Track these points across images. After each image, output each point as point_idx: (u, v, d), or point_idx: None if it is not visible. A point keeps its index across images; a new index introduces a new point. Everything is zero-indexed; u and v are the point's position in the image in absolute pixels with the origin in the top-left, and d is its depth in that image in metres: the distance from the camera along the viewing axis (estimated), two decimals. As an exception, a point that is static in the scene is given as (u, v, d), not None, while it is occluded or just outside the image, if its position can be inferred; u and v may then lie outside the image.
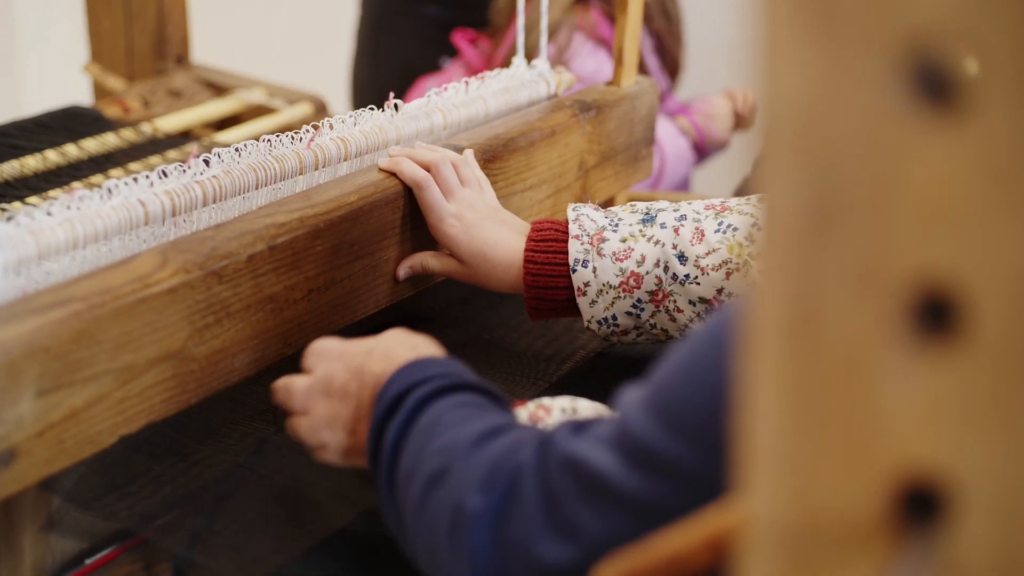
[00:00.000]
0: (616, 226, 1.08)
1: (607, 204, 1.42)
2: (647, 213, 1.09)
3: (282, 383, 0.90)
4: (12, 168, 1.38)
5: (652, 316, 1.08)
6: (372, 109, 1.17)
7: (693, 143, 1.91)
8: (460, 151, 1.15)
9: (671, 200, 1.13)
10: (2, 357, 0.78)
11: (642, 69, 1.54)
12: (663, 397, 0.65)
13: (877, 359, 0.36)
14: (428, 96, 1.23)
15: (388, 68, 2.23)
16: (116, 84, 1.79)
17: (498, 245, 1.09)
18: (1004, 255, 0.34)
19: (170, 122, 1.64)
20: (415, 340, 0.88)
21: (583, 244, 1.07)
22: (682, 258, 1.05)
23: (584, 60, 1.81)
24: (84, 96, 1.94)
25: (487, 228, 1.10)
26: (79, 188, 0.93)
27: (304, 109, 1.77)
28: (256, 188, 1.04)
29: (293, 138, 1.09)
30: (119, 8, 1.81)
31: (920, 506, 0.37)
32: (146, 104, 1.74)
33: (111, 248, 0.93)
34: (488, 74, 1.31)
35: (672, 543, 0.52)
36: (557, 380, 1.15)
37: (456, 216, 1.10)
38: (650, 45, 1.88)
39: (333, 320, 1.06)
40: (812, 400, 0.37)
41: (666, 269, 1.06)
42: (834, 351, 0.37)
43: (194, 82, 1.82)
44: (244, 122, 1.74)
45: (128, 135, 1.53)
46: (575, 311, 1.10)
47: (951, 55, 0.33)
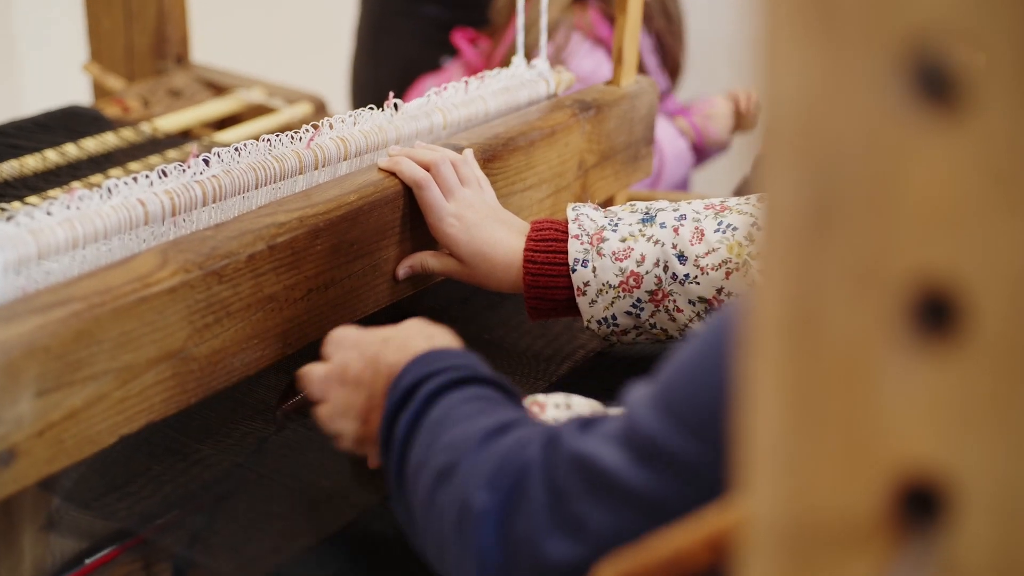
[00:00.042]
0: (616, 226, 1.08)
1: (607, 204, 1.42)
2: (647, 213, 1.09)
3: (303, 371, 0.92)
4: (12, 168, 1.39)
5: (652, 316, 1.08)
6: (372, 109, 1.17)
7: (692, 144, 1.91)
8: (460, 151, 1.15)
9: (671, 200, 1.13)
10: (2, 357, 0.78)
11: (641, 68, 1.54)
12: (671, 393, 0.65)
13: (877, 359, 0.36)
14: (428, 96, 1.23)
15: (388, 68, 2.23)
16: (116, 84, 1.79)
17: (498, 245, 1.09)
18: (1004, 255, 0.34)
19: (170, 122, 1.64)
20: (431, 331, 0.88)
21: (583, 244, 1.07)
22: (682, 258, 1.05)
23: (582, 59, 1.81)
24: (84, 96, 1.94)
25: (487, 228, 1.10)
26: (79, 188, 0.93)
27: (304, 109, 1.77)
28: (256, 188, 1.04)
29: (293, 138, 1.09)
30: (119, 8, 1.81)
31: (920, 505, 0.37)
32: (146, 104, 1.74)
33: (111, 248, 0.93)
34: (488, 74, 1.31)
35: (672, 542, 0.52)
36: (557, 380, 1.15)
37: (456, 216, 1.10)
38: (649, 44, 1.88)
39: (333, 320, 1.06)
40: (812, 400, 0.37)
41: (666, 269, 1.06)
42: (834, 351, 0.37)
43: (194, 82, 1.82)
44: (244, 122, 1.74)
45: (128, 135, 1.53)
46: (575, 311, 1.10)
47: (951, 55, 0.33)
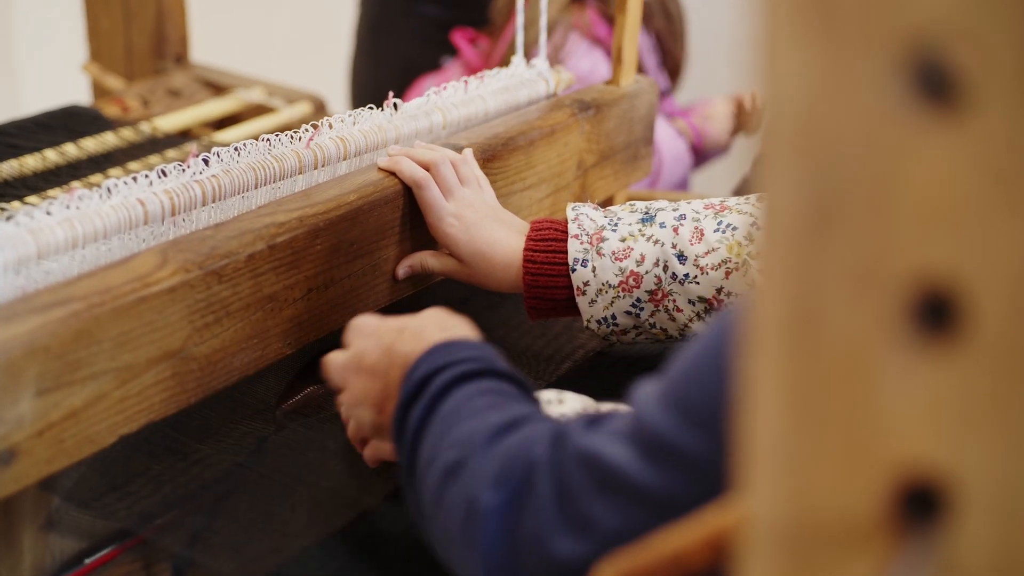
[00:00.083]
0: (615, 225, 1.08)
1: (606, 203, 1.42)
2: (646, 212, 1.09)
3: (325, 358, 0.93)
4: (11, 168, 1.39)
5: (651, 315, 1.08)
6: (371, 108, 1.17)
7: (691, 145, 1.90)
8: (459, 150, 1.15)
9: (670, 199, 1.13)
10: (2, 356, 0.78)
11: (640, 68, 1.54)
12: (679, 390, 0.65)
13: (877, 359, 0.36)
14: (427, 95, 1.23)
15: (387, 67, 2.23)
16: (115, 83, 1.79)
17: (497, 244, 1.09)
18: (1004, 255, 0.34)
19: (169, 121, 1.64)
20: (448, 321, 0.88)
21: (582, 243, 1.07)
22: (681, 257, 1.05)
23: (579, 59, 1.81)
24: (83, 95, 1.94)
25: (486, 227, 1.10)
26: (78, 187, 0.93)
27: (303, 108, 1.77)
28: (255, 187, 1.04)
29: (292, 137, 1.09)
30: (118, 7, 1.81)
31: (920, 505, 0.37)
32: (145, 103, 1.74)
33: (110, 247, 0.93)
34: (487, 73, 1.31)
35: (672, 542, 0.52)
36: (556, 379, 1.15)
37: (455, 215, 1.10)
38: (649, 44, 1.88)
39: (332, 319, 1.06)
40: (812, 400, 0.37)
41: (665, 268, 1.06)
42: (834, 351, 0.37)
43: (193, 81, 1.82)
44: (243, 121, 1.74)
45: (127, 134, 1.53)
46: (574, 310, 1.10)
47: (951, 55, 0.33)
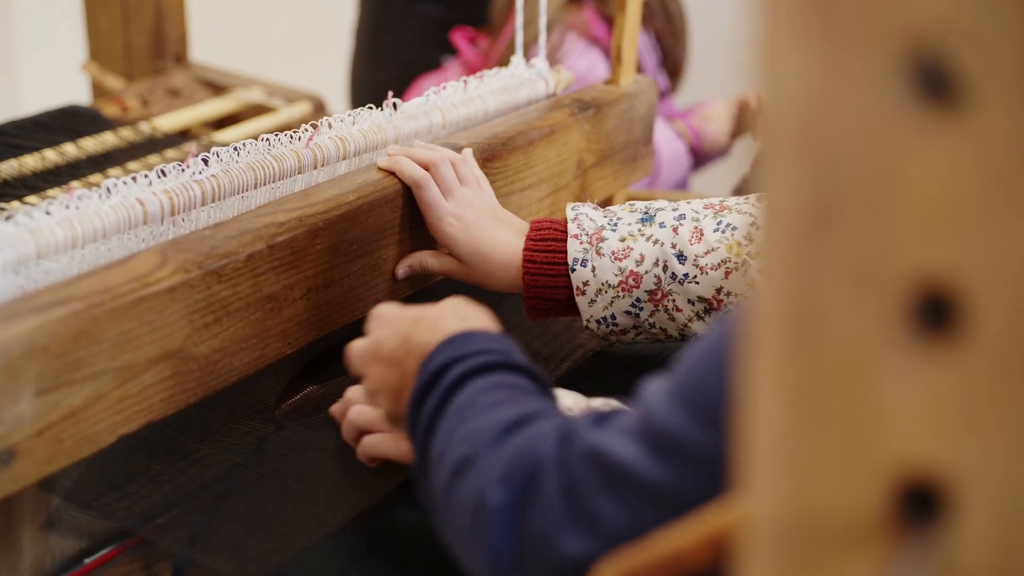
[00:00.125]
0: (615, 225, 1.08)
1: (606, 203, 1.42)
2: (646, 212, 1.09)
3: (348, 345, 0.93)
4: (11, 167, 1.39)
5: (651, 315, 1.08)
6: (371, 108, 1.17)
7: (689, 147, 1.90)
8: (459, 150, 1.15)
9: (670, 199, 1.13)
10: (1, 356, 0.78)
11: (638, 68, 1.54)
12: (688, 387, 0.65)
13: (877, 358, 0.36)
14: (427, 95, 1.23)
15: (387, 67, 2.23)
16: (114, 83, 1.79)
17: (497, 244, 1.09)
18: (1004, 255, 0.34)
19: (169, 121, 1.64)
20: (467, 311, 0.88)
21: (582, 243, 1.07)
22: (681, 257, 1.05)
23: (577, 59, 1.81)
24: (82, 95, 1.94)
25: (486, 227, 1.10)
26: (78, 187, 0.93)
27: (303, 108, 1.77)
28: (255, 187, 1.04)
29: (292, 137, 1.09)
30: (117, 7, 1.81)
31: (920, 505, 0.37)
32: (145, 103, 1.74)
33: (110, 247, 0.93)
34: (487, 73, 1.31)
35: (672, 542, 0.52)
36: (556, 379, 1.15)
37: (455, 215, 1.10)
38: (648, 43, 1.88)
39: (332, 319, 1.06)
40: (812, 400, 0.37)
41: (665, 268, 1.06)
42: (834, 351, 0.37)
43: (193, 81, 1.82)
44: (243, 121, 1.74)
45: (127, 134, 1.53)
46: (574, 310, 1.10)
47: (951, 55, 0.33)
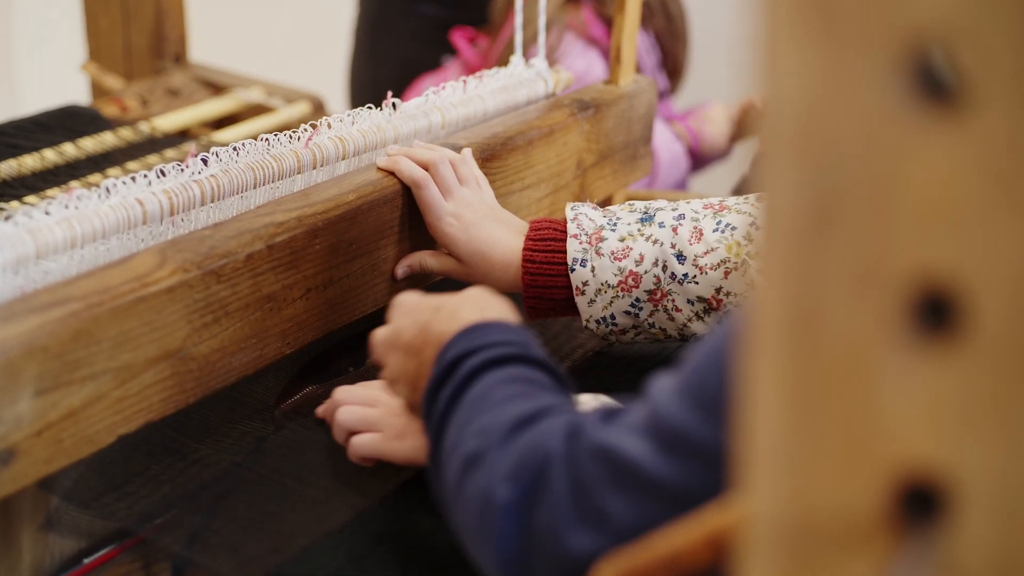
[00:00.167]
0: (615, 225, 1.08)
1: (605, 203, 1.42)
2: (645, 212, 1.09)
3: (371, 333, 0.93)
4: (10, 167, 1.38)
5: (650, 315, 1.08)
6: (370, 108, 1.17)
7: (688, 148, 1.90)
8: (458, 150, 1.15)
9: (669, 199, 1.13)
10: (1, 356, 0.78)
11: (637, 68, 1.54)
12: (696, 383, 0.65)
13: (877, 358, 0.36)
14: (426, 95, 1.23)
15: (386, 67, 2.23)
16: (114, 83, 1.79)
17: (496, 244, 1.09)
18: (1004, 255, 0.34)
19: (168, 121, 1.64)
20: (487, 302, 0.88)
21: (581, 243, 1.07)
22: (680, 257, 1.05)
23: (574, 59, 1.80)
24: (82, 95, 1.94)
25: (485, 227, 1.10)
26: (77, 187, 0.93)
27: (302, 108, 1.77)
28: (254, 187, 1.04)
29: (291, 137, 1.09)
30: (117, 7, 1.81)
31: (920, 504, 0.37)
32: (144, 103, 1.74)
33: (109, 247, 0.93)
34: (486, 73, 1.31)
35: (672, 541, 0.52)
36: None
37: (454, 215, 1.10)
38: (647, 43, 1.88)
39: (332, 319, 1.06)
40: (812, 400, 0.37)
41: (664, 268, 1.06)
42: (834, 351, 0.37)
43: (192, 81, 1.82)
44: (242, 121, 1.74)
45: (126, 134, 1.53)
46: (573, 310, 1.10)
47: (951, 55, 0.33)
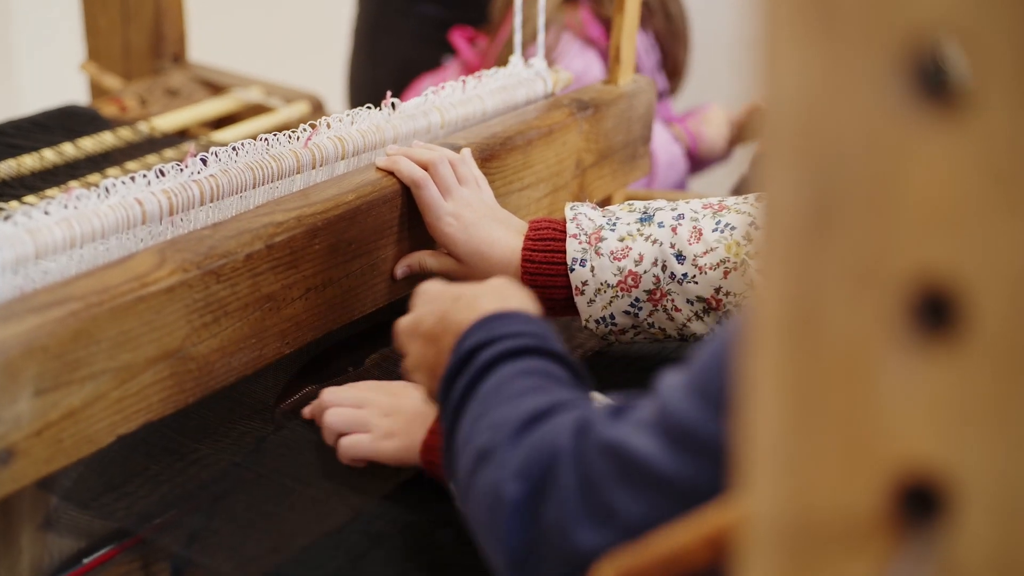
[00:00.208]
0: (614, 225, 1.08)
1: (604, 203, 1.42)
2: (645, 212, 1.09)
3: (396, 321, 0.92)
4: (9, 167, 1.38)
5: (650, 315, 1.08)
6: (369, 108, 1.17)
7: (686, 150, 1.90)
8: (458, 150, 1.15)
9: (669, 199, 1.13)
10: (0, 356, 0.78)
11: (636, 68, 1.54)
12: (705, 379, 0.65)
13: (877, 358, 0.36)
14: (425, 95, 1.23)
15: (385, 67, 2.22)
16: (113, 83, 1.79)
17: (496, 244, 1.09)
18: (1004, 254, 0.34)
19: (167, 121, 1.64)
20: (508, 292, 0.87)
21: (581, 243, 1.07)
22: (680, 257, 1.05)
23: (572, 59, 1.80)
24: (81, 95, 1.94)
25: (485, 227, 1.10)
26: (76, 187, 0.93)
27: (301, 108, 1.77)
28: (253, 187, 1.04)
29: (290, 137, 1.09)
30: (116, 7, 1.81)
31: (920, 504, 0.37)
32: (143, 103, 1.74)
33: (108, 247, 0.93)
34: (485, 73, 1.31)
35: (672, 541, 0.52)
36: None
37: (454, 215, 1.10)
38: (646, 44, 1.88)
39: (331, 319, 1.06)
40: (812, 399, 0.37)
41: (664, 268, 1.06)
42: (834, 350, 0.37)
43: (191, 81, 1.82)
44: (241, 121, 1.74)
45: (125, 134, 1.53)
46: (573, 310, 1.10)
47: (951, 55, 0.33)
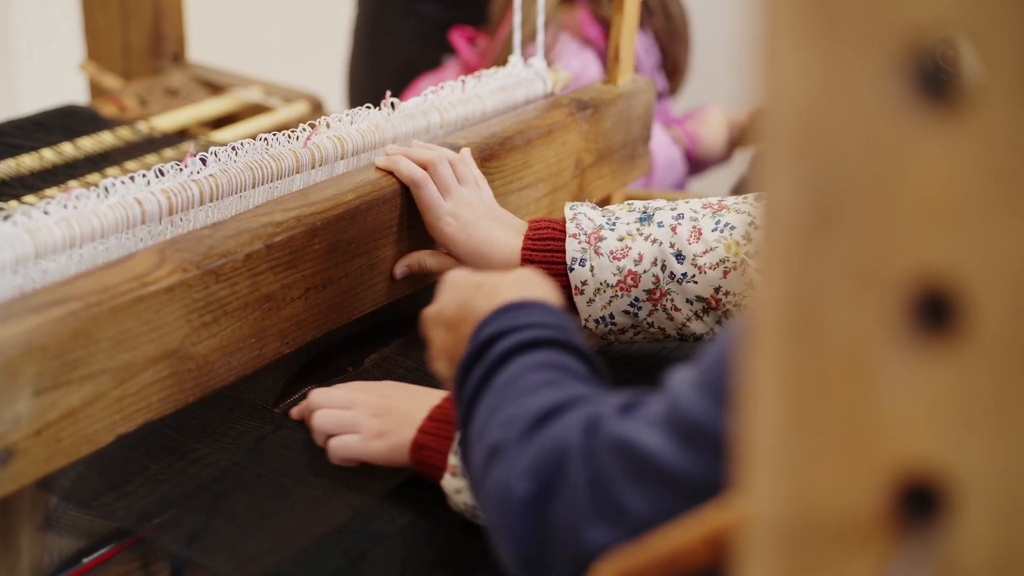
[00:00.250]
0: (613, 225, 1.08)
1: (604, 203, 1.42)
2: (644, 212, 1.09)
3: (424, 309, 0.92)
4: (9, 167, 1.38)
5: (649, 315, 1.08)
6: (369, 108, 1.17)
7: (684, 152, 1.90)
8: (457, 149, 1.15)
9: (669, 199, 1.13)
10: (0, 356, 0.78)
11: (635, 68, 1.54)
12: (715, 375, 0.65)
13: (877, 357, 0.36)
14: (424, 95, 1.23)
15: (385, 67, 2.22)
16: (112, 83, 1.79)
17: (495, 244, 1.09)
18: (1004, 254, 0.34)
19: (166, 121, 1.64)
20: (529, 282, 0.87)
21: (580, 243, 1.08)
22: (679, 257, 1.05)
23: (569, 59, 1.80)
24: (80, 95, 1.94)
25: (484, 227, 1.10)
26: (76, 187, 0.93)
27: (300, 108, 1.77)
28: (253, 187, 1.04)
29: (290, 137, 1.09)
30: (115, 6, 1.81)
31: (919, 504, 0.37)
32: (142, 103, 1.74)
33: (108, 247, 0.93)
34: (485, 72, 1.31)
35: (671, 540, 0.52)
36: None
37: (453, 215, 1.10)
38: (646, 44, 1.88)
39: (331, 318, 1.06)
40: (812, 399, 0.37)
41: (663, 268, 1.06)
42: (834, 350, 0.37)
43: (190, 81, 1.82)
44: (240, 121, 1.74)
45: (124, 134, 1.53)
46: (572, 310, 1.10)
47: (951, 54, 0.33)
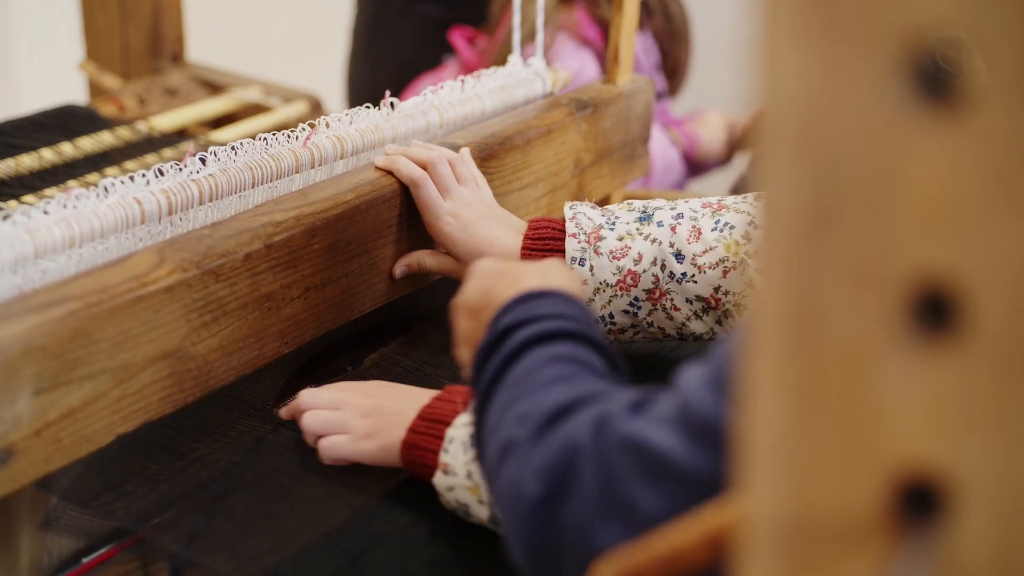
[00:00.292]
0: (613, 224, 1.08)
1: (603, 202, 1.42)
2: (644, 211, 1.09)
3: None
4: (8, 167, 1.38)
5: (649, 314, 1.08)
6: (368, 107, 1.17)
7: (683, 153, 1.90)
8: (456, 149, 1.15)
9: (668, 199, 1.13)
10: (-1, 356, 0.78)
11: (635, 68, 1.54)
12: (726, 372, 0.65)
13: (877, 357, 0.36)
14: (424, 94, 1.23)
15: (384, 67, 2.22)
16: (112, 82, 1.79)
17: (495, 243, 1.09)
18: (1004, 254, 0.34)
19: (166, 120, 1.64)
20: (552, 272, 0.87)
21: (580, 242, 1.08)
22: (679, 256, 1.05)
23: (567, 60, 1.81)
24: (80, 95, 1.94)
25: (484, 226, 1.10)
26: (75, 187, 0.93)
27: (300, 108, 1.77)
28: (252, 186, 1.04)
29: (289, 136, 1.09)
30: (114, 6, 1.81)
31: (919, 503, 0.37)
32: (142, 102, 1.74)
33: (107, 247, 0.93)
34: (484, 72, 1.31)
35: (671, 540, 0.52)
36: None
37: (452, 214, 1.10)
38: (645, 44, 1.88)
39: (330, 318, 1.06)
40: (812, 399, 0.37)
41: (663, 267, 1.06)
42: (834, 350, 0.37)
43: (190, 80, 1.82)
44: (240, 120, 1.74)
45: (124, 133, 1.53)
46: (572, 309, 1.10)
47: (951, 54, 0.33)
